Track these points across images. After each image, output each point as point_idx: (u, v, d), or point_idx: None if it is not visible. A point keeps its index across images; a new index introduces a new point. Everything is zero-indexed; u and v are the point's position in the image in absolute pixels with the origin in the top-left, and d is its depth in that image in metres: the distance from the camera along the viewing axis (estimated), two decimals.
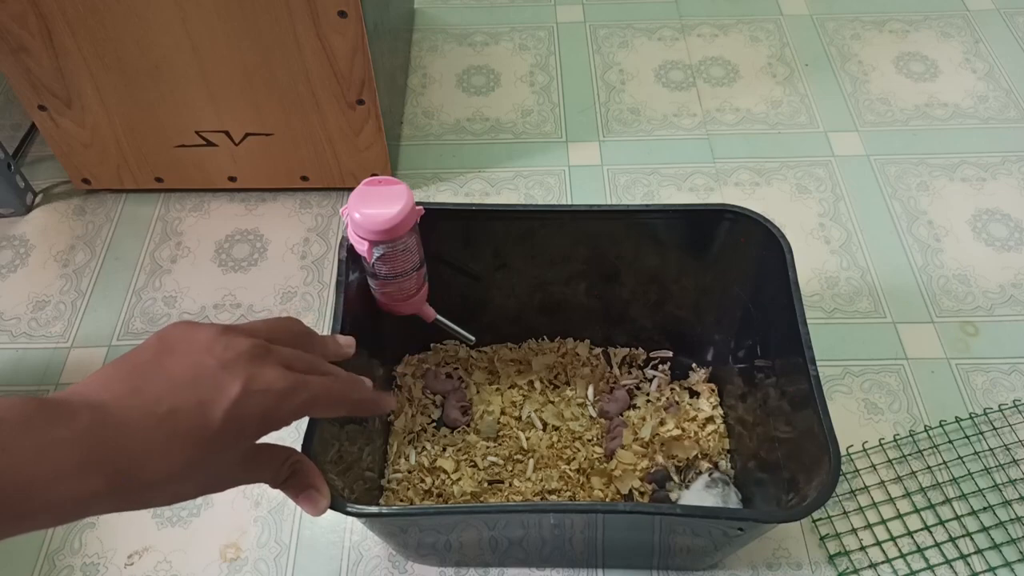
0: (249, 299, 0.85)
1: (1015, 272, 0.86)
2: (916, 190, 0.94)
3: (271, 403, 0.39)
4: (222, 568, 0.67)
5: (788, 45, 1.12)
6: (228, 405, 0.37)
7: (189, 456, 0.36)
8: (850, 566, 0.66)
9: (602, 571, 0.67)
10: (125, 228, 0.92)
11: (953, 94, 1.05)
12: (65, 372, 0.79)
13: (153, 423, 0.36)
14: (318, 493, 0.46)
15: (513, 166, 0.97)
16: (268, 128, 0.86)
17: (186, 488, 0.38)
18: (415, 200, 0.58)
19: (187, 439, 0.36)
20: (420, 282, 0.63)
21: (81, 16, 0.75)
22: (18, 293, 0.86)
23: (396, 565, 0.67)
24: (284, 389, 0.40)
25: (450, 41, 1.13)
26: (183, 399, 0.36)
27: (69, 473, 0.33)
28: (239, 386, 0.38)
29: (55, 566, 0.68)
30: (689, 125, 1.02)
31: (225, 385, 0.37)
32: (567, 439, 0.71)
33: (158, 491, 0.37)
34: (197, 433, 0.36)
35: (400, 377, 0.75)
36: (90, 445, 0.34)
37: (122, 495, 0.35)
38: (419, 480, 0.69)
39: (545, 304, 0.74)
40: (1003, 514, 0.69)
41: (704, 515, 0.54)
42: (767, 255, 0.63)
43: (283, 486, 0.45)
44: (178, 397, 0.36)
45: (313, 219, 0.92)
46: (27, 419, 0.33)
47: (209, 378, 0.37)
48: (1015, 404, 0.76)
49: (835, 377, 0.78)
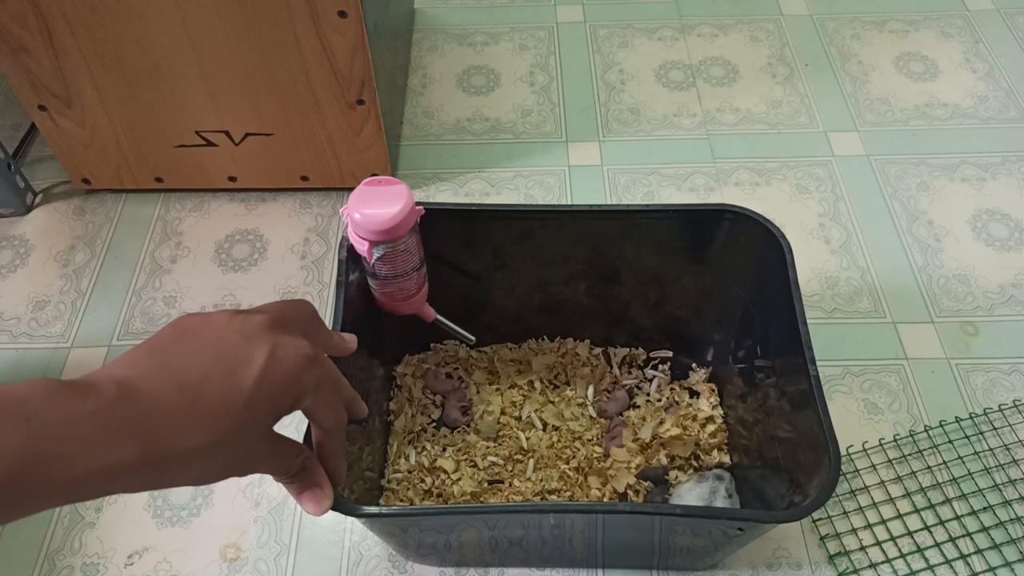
0: (249, 299, 0.85)
1: (1015, 272, 0.86)
2: (916, 190, 0.94)
3: (296, 369, 0.39)
4: (222, 568, 0.67)
5: (788, 45, 1.12)
6: (257, 372, 0.37)
7: (221, 426, 0.36)
8: (850, 566, 0.66)
9: (602, 571, 0.67)
10: (125, 228, 0.92)
11: (953, 94, 1.05)
12: (65, 372, 0.79)
13: (184, 393, 0.35)
14: (323, 492, 0.46)
15: (513, 166, 0.97)
16: (268, 128, 0.86)
17: (216, 465, 0.37)
18: (415, 200, 0.58)
19: (219, 408, 0.36)
20: (420, 282, 0.63)
21: (81, 16, 0.75)
22: (18, 293, 0.86)
23: (396, 565, 0.67)
24: (308, 355, 0.40)
25: (450, 41, 1.13)
26: (212, 369, 0.37)
27: (99, 441, 0.32)
28: (265, 352, 0.38)
29: (55, 566, 0.68)
30: (689, 125, 1.02)
31: (251, 353, 0.38)
32: (567, 439, 0.71)
33: (189, 464, 0.36)
34: (229, 401, 0.36)
35: (400, 377, 0.75)
36: (120, 414, 0.34)
37: (153, 466, 0.34)
38: (419, 480, 0.69)
39: (545, 304, 0.74)
40: (1003, 514, 0.69)
41: (704, 515, 0.54)
42: (767, 255, 0.63)
43: (292, 480, 0.45)
44: (207, 368, 0.36)
45: (313, 219, 0.92)
46: (52, 394, 0.32)
47: (234, 349, 0.38)
48: (1015, 404, 0.76)
49: (835, 377, 0.78)
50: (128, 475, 0.34)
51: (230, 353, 0.37)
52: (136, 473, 0.34)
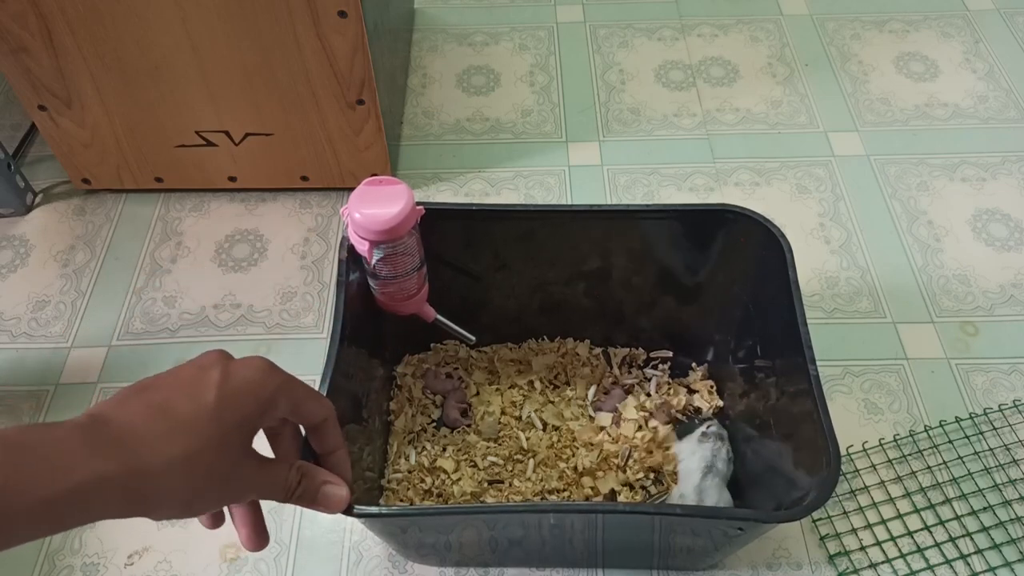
0: (249, 299, 0.85)
1: (1015, 272, 0.86)
2: (916, 190, 0.94)
3: (256, 374, 0.41)
4: (222, 568, 0.67)
5: (788, 45, 1.12)
6: (216, 384, 0.39)
7: (191, 440, 0.37)
8: (850, 566, 0.66)
9: (602, 571, 0.67)
10: (125, 228, 0.92)
11: (953, 94, 1.05)
12: (65, 372, 0.79)
13: (153, 413, 0.37)
14: (333, 488, 0.46)
15: (513, 166, 0.97)
16: (268, 128, 0.86)
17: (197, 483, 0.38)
18: (415, 200, 0.58)
19: (188, 424, 0.37)
20: (420, 282, 0.63)
21: (81, 16, 0.75)
22: (18, 293, 0.86)
23: (396, 565, 0.67)
24: (264, 365, 0.42)
25: (450, 41, 1.13)
26: (175, 392, 0.39)
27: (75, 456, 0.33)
28: (220, 369, 0.40)
29: (55, 566, 0.68)
30: (689, 125, 1.02)
31: (208, 374, 0.40)
32: (567, 439, 0.71)
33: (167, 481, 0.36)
34: (196, 418, 0.38)
35: (400, 377, 0.75)
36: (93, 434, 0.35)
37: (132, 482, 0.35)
38: (419, 480, 0.69)
39: (545, 304, 0.74)
40: (1003, 514, 0.69)
41: (704, 515, 0.54)
42: (767, 255, 0.63)
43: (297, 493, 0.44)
44: (170, 394, 0.38)
45: (313, 219, 0.92)
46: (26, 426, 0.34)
47: (194, 376, 0.40)
48: (1015, 404, 0.76)
49: (835, 377, 0.78)
50: (107, 492, 0.34)
51: (190, 379, 0.40)
52: (115, 490, 0.34)
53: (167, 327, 0.83)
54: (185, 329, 0.83)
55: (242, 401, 0.40)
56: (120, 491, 0.34)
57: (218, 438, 0.38)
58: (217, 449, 0.38)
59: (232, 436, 0.39)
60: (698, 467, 0.66)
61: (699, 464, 0.66)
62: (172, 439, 0.36)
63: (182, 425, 0.37)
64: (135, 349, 0.81)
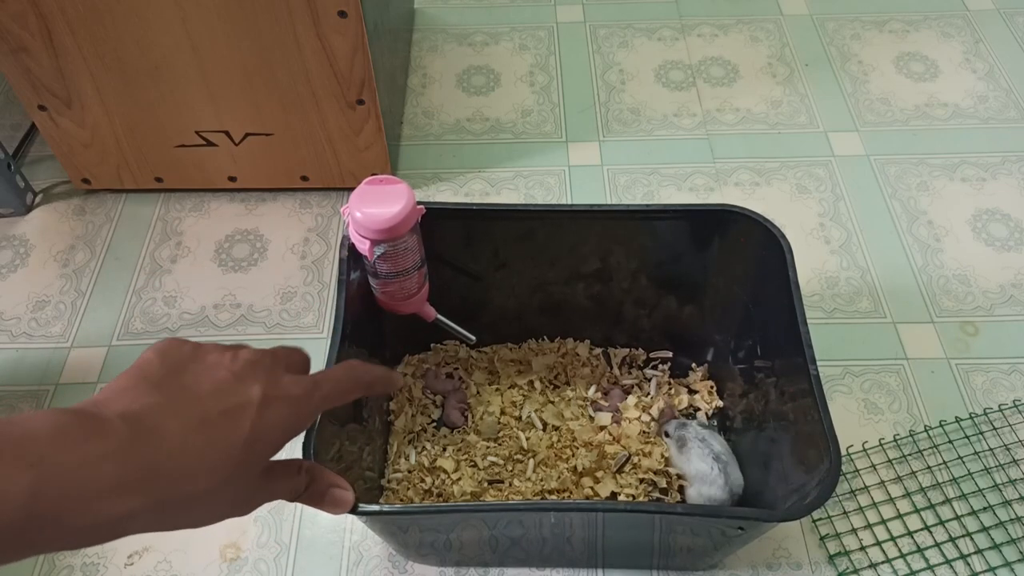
0: (249, 299, 0.85)
1: (1015, 272, 0.86)
2: (916, 190, 0.94)
3: (291, 410, 0.39)
4: (222, 568, 0.67)
5: (788, 45, 1.12)
6: (253, 414, 0.37)
7: (226, 467, 0.36)
8: (850, 566, 0.66)
9: (602, 571, 0.67)
10: (125, 228, 0.92)
11: (953, 94, 1.05)
12: (65, 372, 0.79)
13: (189, 434, 0.35)
14: (341, 489, 0.46)
15: (513, 166, 0.97)
16: (268, 128, 0.86)
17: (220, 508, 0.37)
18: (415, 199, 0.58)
19: (221, 451, 0.36)
20: (421, 281, 0.63)
21: (81, 16, 0.75)
22: (18, 293, 0.86)
23: (396, 565, 0.67)
24: (300, 395, 0.40)
25: (450, 41, 1.13)
26: (209, 409, 0.36)
27: (111, 489, 0.32)
28: (259, 393, 0.38)
29: (55, 566, 0.68)
30: (689, 125, 1.02)
31: (245, 395, 0.37)
32: (567, 439, 0.71)
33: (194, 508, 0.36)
34: (228, 444, 0.36)
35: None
36: (132, 458, 0.33)
37: (159, 512, 0.34)
38: (419, 480, 0.68)
39: (545, 304, 0.74)
40: (1003, 514, 0.69)
41: (704, 514, 0.54)
42: (767, 255, 0.63)
43: (304, 496, 0.44)
44: (205, 407, 0.36)
45: (313, 219, 0.92)
46: (61, 432, 0.31)
47: (228, 389, 0.37)
48: (1015, 404, 0.76)
49: (835, 377, 0.78)
50: (135, 521, 0.33)
51: (226, 393, 0.37)
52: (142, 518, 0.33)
53: (167, 327, 0.83)
54: (185, 329, 0.83)
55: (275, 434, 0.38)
56: (143, 522, 0.34)
57: (244, 476, 0.37)
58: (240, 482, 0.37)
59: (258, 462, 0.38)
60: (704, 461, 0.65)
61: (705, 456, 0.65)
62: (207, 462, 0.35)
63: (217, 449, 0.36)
64: (135, 349, 0.81)
